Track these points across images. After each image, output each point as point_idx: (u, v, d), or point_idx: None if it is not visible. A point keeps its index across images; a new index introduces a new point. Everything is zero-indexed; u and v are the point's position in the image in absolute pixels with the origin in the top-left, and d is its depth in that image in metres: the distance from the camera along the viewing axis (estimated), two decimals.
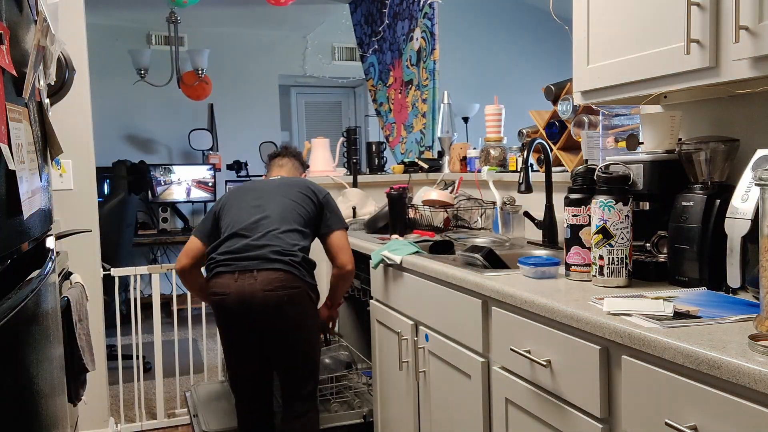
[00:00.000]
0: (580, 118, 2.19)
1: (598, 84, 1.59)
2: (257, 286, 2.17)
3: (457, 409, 1.85)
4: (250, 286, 2.17)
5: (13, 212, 1.04)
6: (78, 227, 2.55)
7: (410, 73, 4.00)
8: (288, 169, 2.70)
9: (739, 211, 1.30)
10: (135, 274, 3.08)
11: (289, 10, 5.10)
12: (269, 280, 2.18)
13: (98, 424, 2.85)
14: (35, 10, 1.27)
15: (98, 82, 3.81)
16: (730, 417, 0.97)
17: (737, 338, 1.06)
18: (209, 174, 5.66)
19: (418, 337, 2.08)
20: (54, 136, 1.46)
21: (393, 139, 4.32)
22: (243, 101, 6.13)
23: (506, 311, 1.57)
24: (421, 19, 3.79)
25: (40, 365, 1.16)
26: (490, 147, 2.83)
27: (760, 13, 1.17)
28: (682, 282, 1.46)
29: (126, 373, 3.20)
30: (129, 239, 4.54)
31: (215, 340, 4.67)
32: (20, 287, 1.08)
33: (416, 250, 2.18)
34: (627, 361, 1.18)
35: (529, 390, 1.49)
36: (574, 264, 1.58)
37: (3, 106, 0.99)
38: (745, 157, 1.40)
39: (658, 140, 1.59)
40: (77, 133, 2.74)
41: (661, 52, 1.39)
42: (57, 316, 1.45)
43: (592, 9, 1.61)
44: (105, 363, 2.88)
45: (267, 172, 2.74)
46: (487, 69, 6.18)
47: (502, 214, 2.57)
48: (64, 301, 1.94)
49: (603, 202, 1.49)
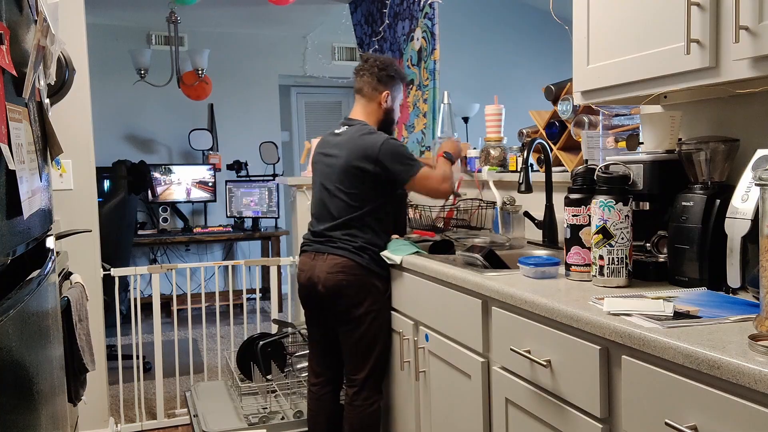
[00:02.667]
0: (580, 118, 2.19)
1: (598, 84, 1.59)
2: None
3: (457, 409, 1.85)
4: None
5: (13, 212, 1.04)
6: (78, 227, 2.55)
7: (411, 73, 4.00)
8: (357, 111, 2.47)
9: (739, 211, 1.30)
10: (135, 274, 3.08)
11: (289, 10, 5.10)
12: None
13: (98, 424, 2.85)
14: (35, 10, 1.27)
15: (98, 82, 3.81)
16: (730, 417, 0.97)
17: (737, 338, 1.06)
18: (209, 174, 5.66)
19: (419, 337, 2.08)
20: (54, 136, 1.46)
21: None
22: (243, 101, 6.13)
23: (506, 311, 1.57)
24: (422, 19, 3.79)
25: (40, 365, 1.16)
26: (490, 147, 2.82)
27: (760, 13, 1.17)
28: (682, 282, 1.46)
29: (126, 373, 3.20)
30: (129, 239, 4.54)
31: (215, 339, 4.67)
32: (20, 287, 1.08)
33: (416, 250, 2.18)
34: (627, 361, 1.18)
35: (529, 390, 1.49)
36: (574, 264, 1.58)
37: (3, 106, 0.99)
38: (745, 157, 1.40)
39: (658, 140, 1.59)
40: (77, 133, 2.74)
41: (661, 52, 1.39)
42: (57, 316, 1.45)
43: (592, 9, 1.61)
44: (105, 363, 2.88)
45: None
46: (487, 69, 6.17)
47: (502, 214, 2.57)
48: (64, 301, 1.94)
49: (603, 202, 1.49)
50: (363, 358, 2.31)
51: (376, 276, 2.28)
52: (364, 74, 2.42)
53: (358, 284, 2.25)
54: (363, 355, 2.31)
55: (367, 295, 2.27)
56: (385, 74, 2.41)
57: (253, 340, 2.95)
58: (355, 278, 2.25)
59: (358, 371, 2.32)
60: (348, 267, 2.25)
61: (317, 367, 2.48)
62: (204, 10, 5.14)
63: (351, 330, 2.29)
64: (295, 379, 2.87)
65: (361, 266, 2.25)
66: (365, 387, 2.33)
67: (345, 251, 2.26)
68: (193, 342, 4.53)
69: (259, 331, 3.10)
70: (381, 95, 2.40)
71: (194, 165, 5.68)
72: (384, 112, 2.43)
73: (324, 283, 2.27)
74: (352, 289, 2.25)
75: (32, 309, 1.13)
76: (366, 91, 2.42)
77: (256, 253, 6.11)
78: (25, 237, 1.12)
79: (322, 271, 2.27)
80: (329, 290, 2.26)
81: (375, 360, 2.32)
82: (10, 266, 1.07)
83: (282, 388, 2.86)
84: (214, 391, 3.01)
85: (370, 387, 2.34)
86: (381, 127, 2.42)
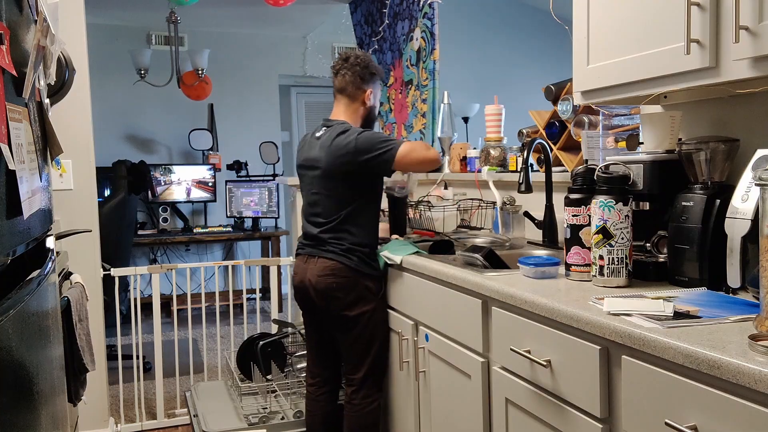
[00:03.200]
0: (580, 118, 2.19)
1: (598, 84, 1.59)
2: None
3: (457, 409, 1.85)
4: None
5: (13, 212, 1.04)
6: (78, 227, 2.55)
7: (410, 73, 3.99)
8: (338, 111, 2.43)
9: (739, 211, 1.30)
10: (135, 274, 3.08)
11: (289, 10, 5.10)
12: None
13: (98, 424, 2.85)
14: (35, 10, 1.27)
15: (98, 82, 3.81)
16: (730, 417, 0.97)
17: (737, 338, 1.06)
18: (209, 174, 5.66)
19: (419, 337, 2.08)
20: (54, 136, 1.46)
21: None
22: (243, 101, 6.13)
23: (506, 311, 1.57)
24: (421, 19, 3.79)
25: (40, 365, 1.16)
26: (490, 147, 2.82)
27: (760, 13, 1.17)
28: (682, 282, 1.46)
29: (126, 373, 3.20)
30: (129, 239, 4.54)
31: (215, 339, 4.67)
32: (20, 287, 1.08)
33: (416, 250, 2.18)
34: (627, 361, 1.18)
35: (529, 390, 1.49)
36: (574, 264, 1.58)
37: (3, 106, 0.99)
38: (745, 157, 1.40)
39: (658, 140, 1.59)
40: (77, 133, 2.74)
41: (661, 52, 1.39)
42: (57, 316, 1.45)
43: (592, 9, 1.61)
44: (105, 363, 2.88)
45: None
46: (487, 69, 6.17)
47: (502, 214, 2.57)
48: (64, 301, 1.94)
49: (603, 202, 1.49)
50: (360, 358, 2.31)
51: (367, 277, 2.27)
52: (345, 73, 2.36)
53: (349, 286, 2.25)
54: (360, 356, 2.31)
55: (359, 297, 2.26)
56: (368, 72, 2.37)
57: (253, 340, 2.95)
58: (345, 281, 2.24)
59: (356, 371, 2.32)
60: (338, 270, 2.24)
61: (314, 368, 2.49)
62: (204, 10, 5.15)
63: (346, 332, 2.29)
64: (295, 379, 2.87)
65: (351, 268, 2.24)
66: (364, 386, 2.33)
67: (334, 254, 2.25)
68: (193, 342, 4.53)
69: (259, 331, 3.10)
70: (365, 94, 2.37)
71: (194, 165, 5.68)
72: (367, 110, 2.40)
73: (315, 287, 2.27)
74: (343, 292, 2.24)
75: (32, 309, 1.13)
76: (350, 90, 2.36)
77: (256, 253, 6.11)
78: (25, 237, 1.12)
79: (313, 275, 2.28)
80: (321, 293, 2.26)
81: (372, 359, 2.31)
82: (10, 266, 1.07)
83: (282, 388, 2.86)
84: (214, 391, 3.01)
85: (369, 386, 2.33)
86: (364, 124, 2.40)
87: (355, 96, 2.37)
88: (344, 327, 2.29)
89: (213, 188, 5.67)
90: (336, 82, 2.39)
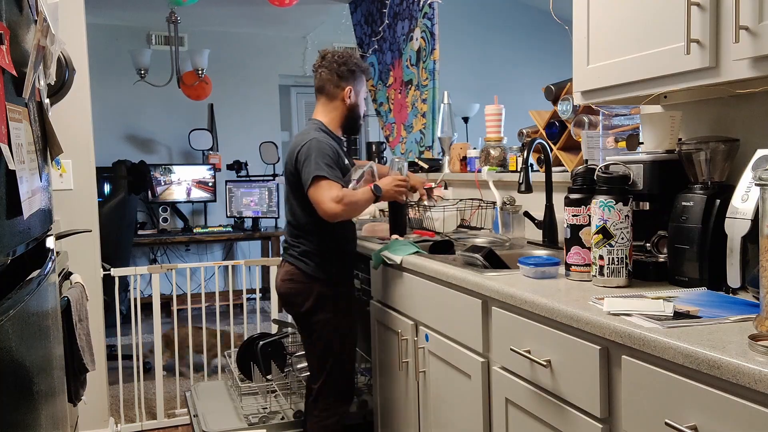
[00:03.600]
0: (580, 118, 2.19)
1: (598, 84, 1.59)
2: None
3: (457, 409, 1.85)
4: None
5: (13, 212, 1.04)
6: (78, 227, 2.55)
7: (410, 73, 3.99)
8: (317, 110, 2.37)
9: (739, 211, 1.30)
10: (135, 274, 3.08)
11: (289, 10, 5.09)
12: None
13: (98, 424, 2.85)
14: (35, 10, 1.27)
15: (98, 82, 3.81)
16: (730, 417, 0.97)
17: (737, 338, 1.06)
18: (209, 174, 5.65)
19: (418, 337, 2.08)
20: (54, 136, 1.46)
21: (393, 139, 4.32)
22: (243, 101, 6.13)
23: (506, 311, 1.57)
24: (421, 19, 3.79)
25: (40, 365, 1.16)
26: (490, 147, 2.82)
27: (760, 13, 1.17)
28: (682, 282, 1.46)
29: (126, 373, 3.20)
30: (129, 239, 4.54)
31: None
32: (20, 287, 1.08)
33: (416, 250, 2.18)
34: (627, 361, 1.18)
35: (529, 390, 1.49)
36: (574, 264, 1.58)
37: (3, 106, 0.99)
38: (745, 157, 1.40)
39: (658, 140, 1.59)
40: (77, 133, 2.74)
41: (661, 52, 1.39)
42: (57, 316, 1.45)
43: (592, 9, 1.61)
44: (105, 363, 2.88)
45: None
46: (487, 69, 6.17)
47: (502, 214, 2.57)
48: (64, 301, 1.94)
49: (603, 202, 1.49)
50: (316, 367, 2.30)
51: (322, 282, 2.23)
52: (322, 71, 2.31)
53: (305, 292, 2.23)
54: (316, 365, 2.30)
55: (315, 303, 2.24)
56: (346, 69, 2.29)
57: (253, 340, 2.95)
58: (301, 286, 2.23)
59: (314, 380, 2.32)
60: (294, 274, 2.24)
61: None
62: (204, 9, 5.14)
63: (306, 336, 2.31)
64: (295, 379, 2.87)
65: (305, 273, 2.23)
66: (320, 398, 2.30)
67: (293, 258, 2.26)
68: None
69: (259, 331, 3.10)
70: (343, 91, 2.30)
71: (194, 165, 5.68)
72: (348, 108, 2.32)
73: (279, 291, 2.31)
74: (300, 297, 2.24)
75: (32, 309, 1.13)
76: (328, 88, 2.31)
77: (256, 253, 6.10)
78: (25, 237, 1.12)
79: (278, 279, 2.32)
80: (282, 297, 2.30)
81: (330, 371, 2.28)
82: (10, 266, 1.07)
83: (282, 388, 2.85)
84: (214, 391, 3.01)
85: (325, 398, 2.30)
86: (346, 123, 2.34)
87: (334, 94, 2.31)
88: (305, 331, 2.31)
89: (213, 188, 5.67)
90: (315, 81, 2.35)
